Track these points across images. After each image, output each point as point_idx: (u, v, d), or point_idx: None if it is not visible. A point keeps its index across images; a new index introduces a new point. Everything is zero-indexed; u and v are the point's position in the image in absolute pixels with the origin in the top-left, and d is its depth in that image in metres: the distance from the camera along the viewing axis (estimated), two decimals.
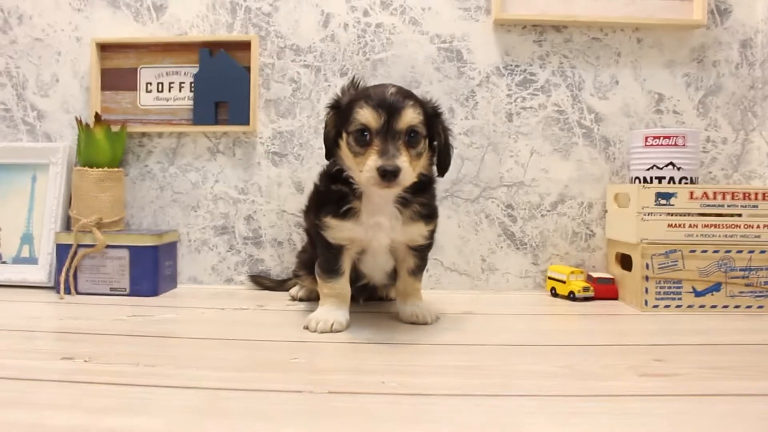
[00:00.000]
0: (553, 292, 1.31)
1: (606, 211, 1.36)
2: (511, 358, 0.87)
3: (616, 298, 1.29)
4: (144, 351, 0.88)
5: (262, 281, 1.37)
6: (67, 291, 1.25)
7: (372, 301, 1.23)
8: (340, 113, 0.99)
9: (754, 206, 1.21)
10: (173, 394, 0.71)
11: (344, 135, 0.97)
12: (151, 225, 1.40)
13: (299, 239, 1.36)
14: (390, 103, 0.93)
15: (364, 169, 0.92)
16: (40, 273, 1.32)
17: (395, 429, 0.62)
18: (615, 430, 0.63)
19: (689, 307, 1.19)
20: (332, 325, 1.00)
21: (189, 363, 0.83)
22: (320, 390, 0.72)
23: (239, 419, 0.64)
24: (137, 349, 0.89)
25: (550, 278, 1.33)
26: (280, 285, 1.35)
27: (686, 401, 0.71)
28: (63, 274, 1.25)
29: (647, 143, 1.26)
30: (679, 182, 1.25)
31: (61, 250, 1.27)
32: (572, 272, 1.28)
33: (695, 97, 1.37)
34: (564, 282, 1.28)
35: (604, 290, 1.29)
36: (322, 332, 0.99)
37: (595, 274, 1.30)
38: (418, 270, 1.09)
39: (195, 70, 1.36)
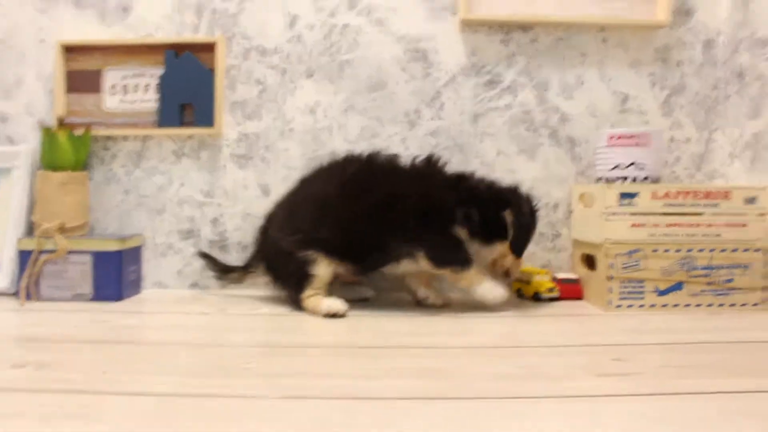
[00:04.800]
0: (519, 293, 1.32)
1: (572, 212, 1.37)
2: (471, 359, 0.87)
3: (581, 299, 1.30)
4: (99, 357, 0.87)
5: (212, 261, 1.34)
6: (29, 297, 1.24)
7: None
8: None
9: (714, 205, 1.22)
10: (122, 401, 0.70)
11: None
12: (116, 229, 1.39)
13: None
14: None
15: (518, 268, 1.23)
16: (2, 280, 1.30)
17: None
18: (568, 430, 0.63)
19: (652, 306, 1.20)
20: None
21: (143, 369, 0.82)
22: (273, 395, 0.72)
23: (188, 425, 0.63)
24: (92, 356, 0.88)
25: (516, 280, 1.33)
26: (225, 272, 1.33)
27: (641, 400, 0.71)
28: (24, 280, 1.23)
29: (610, 143, 1.27)
30: (642, 182, 1.26)
31: (23, 257, 1.25)
32: (537, 273, 1.29)
33: (660, 97, 1.38)
34: (529, 283, 1.29)
35: (570, 291, 1.29)
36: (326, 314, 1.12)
37: (560, 275, 1.31)
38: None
39: (160, 72, 1.35)
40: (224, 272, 1.33)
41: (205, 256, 1.35)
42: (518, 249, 1.19)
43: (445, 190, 1.15)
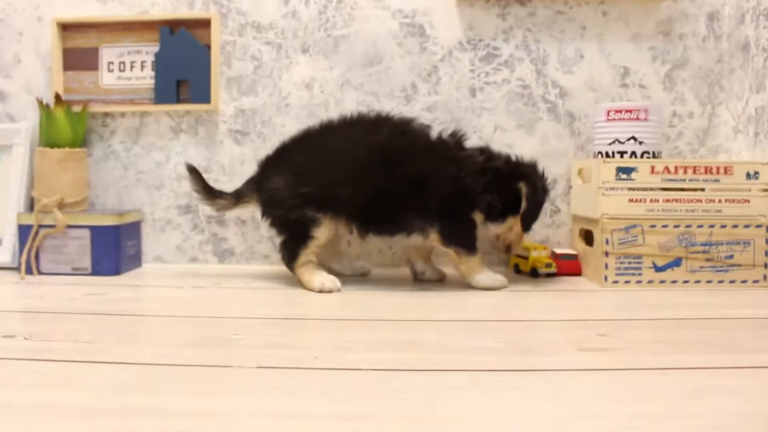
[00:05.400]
0: (517, 268, 1.31)
1: (570, 187, 1.35)
2: (454, 334, 0.87)
3: (579, 275, 1.29)
4: (88, 328, 0.88)
5: (199, 181, 1.25)
6: (29, 271, 1.26)
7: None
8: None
9: (715, 180, 1.20)
10: (103, 370, 0.71)
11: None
12: (116, 205, 1.40)
13: None
14: None
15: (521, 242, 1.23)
16: (4, 254, 1.32)
17: (315, 403, 0.62)
18: (539, 402, 0.62)
19: (649, 282, 1.19)
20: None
21: (129, 340, 0.83)
22: (249, 365, 0.72)
23: (160, 393, 0.64)
24: (81, 327, 0.89)
25: (514, 254, 1.32)
26: (212, 196, 1.25)
27: (617, 375, 0.70)
28: (24, 254, 1.25)
29: (609, 117, 1.25)
30: (641, 156, 1.24)
31: (23, 231, 1.27)
32: (535, 248, 1.28)
33: (661, 71, 1.35)
34: (527, 258, 1.28)
35: (568, 266, 1.28)
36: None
37: (558, 251, 1.30)
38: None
39: (156, 49, 1.35)
40: (211, 197, 1.25)
41: (192, 171, 1.25)
42: (528, 224, 1.18)
43: (476, 175, 1.13)
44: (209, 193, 1.25)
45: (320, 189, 1.13)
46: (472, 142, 1.33)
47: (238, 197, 1.23)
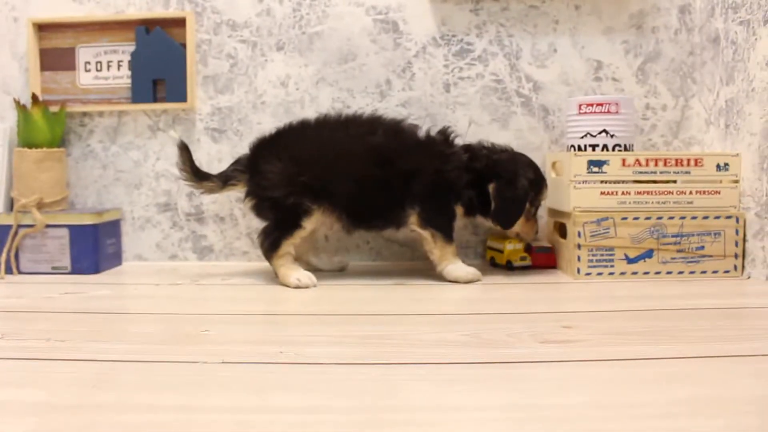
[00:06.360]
0: (492, 261, 1.33)
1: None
2: (420, 327, 0.89)
3: (555, 267, 1.30)
4: (60, 327, 0.90)
5: (187, 161, 1.23)
6: (9, 271, 1.27)
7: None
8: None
9: (686, 172, 1.21)
10: (69, 367, 0.72)
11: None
12: (95, 204, 1.41)
13: (241, 214, 1.38)
14: None
15: (530, 231, 1.27)
16: None
17: (272, 396, 0.63)
18: (494, 393, 0.64)
19: (622, 274, 1.20)
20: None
21: (100, 337, 0.85)
22: (213, 360, 0.74)
23: (122, 390, 0.65)
24: (54, 325, 0.90)
25: (489, 248, 1.34)
26: (199, 178, 1.23)
27: (574, 366, 0.72)
28: (3, 254, 1.26)
29: (581, 111, 1.26)
30: (613, 149, 1.25)
31: (2, 231, 1.28)
32: (510, 242, 1.29)
33: (634, 64, 1.37)
34: (502, 252, 1.29)
35: (543, 259, 1.30)
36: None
37: (534, 243, 1.31)
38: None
39: (132, 49, 1.36)
40: (198, 178, 1.23)
41: (183, 148, 1.23)
42: (501, 221, 1.20)
43: (459, 171, 1.18)
44: (196, 174, 1.23)
45: (320, 181, 1.15)
46: None
47: (225, 180, 1.22)
